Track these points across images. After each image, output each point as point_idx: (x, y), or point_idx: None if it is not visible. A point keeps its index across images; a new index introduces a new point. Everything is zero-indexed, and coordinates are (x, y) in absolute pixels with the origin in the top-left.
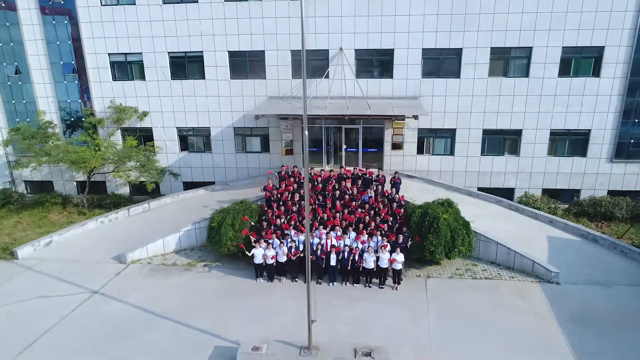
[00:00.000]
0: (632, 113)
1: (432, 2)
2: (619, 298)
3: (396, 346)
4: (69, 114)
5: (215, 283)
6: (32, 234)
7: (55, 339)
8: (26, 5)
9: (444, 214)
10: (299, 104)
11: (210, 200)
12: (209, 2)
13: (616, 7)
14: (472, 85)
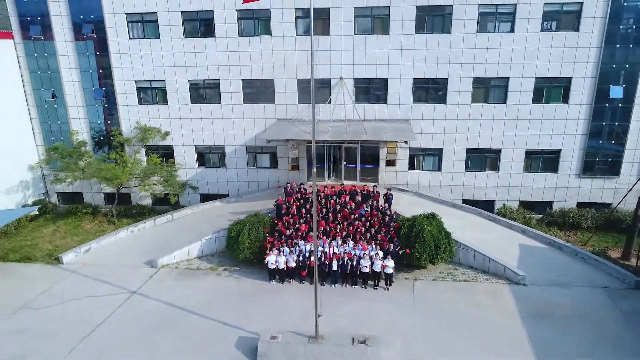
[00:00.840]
0: (597, 135)
1: (421, 38)
2: (573, 297)
3: (386, 336)
4: (98, 133)
5: (234, 284)
6: (71, 242)
7: (107, 331)
8: (62, 38)
9: (428, 226)
10: (305, 127)
11: (225, 211)
12: (225, 37)
13: (581, 44)
14: (457, 110)
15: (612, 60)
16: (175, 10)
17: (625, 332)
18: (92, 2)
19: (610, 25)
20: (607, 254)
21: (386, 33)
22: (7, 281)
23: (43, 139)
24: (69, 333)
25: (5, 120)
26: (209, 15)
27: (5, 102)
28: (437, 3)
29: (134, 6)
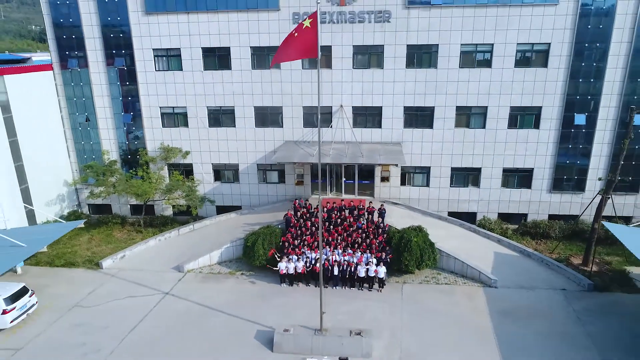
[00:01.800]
0: (564, 156)
1: (411, 72)
2: (535, 298)
3: (378, 329)
4: (126, 152)
5: (251, 286)
6: (106, 249)
7: (149, 325)
8: (96, 70)
9: (415, 238)
10: (309, 149)
11: (240, 222)
12: (240, 69)
13: (550, 78)
14: (442, 134)
15: (576, 92)
16: (197, 47)
17: (573, 328)
18: (123, 38)
19: (574, 62)
20: (570, 261)
21: (381, 67)
22: (58, 284)
23: (77, 157)
24: (118, 326)
25: (45, 142)
26: (226, 51)
27: (45, 125)
28: (425, 42)
29: (160, 43)
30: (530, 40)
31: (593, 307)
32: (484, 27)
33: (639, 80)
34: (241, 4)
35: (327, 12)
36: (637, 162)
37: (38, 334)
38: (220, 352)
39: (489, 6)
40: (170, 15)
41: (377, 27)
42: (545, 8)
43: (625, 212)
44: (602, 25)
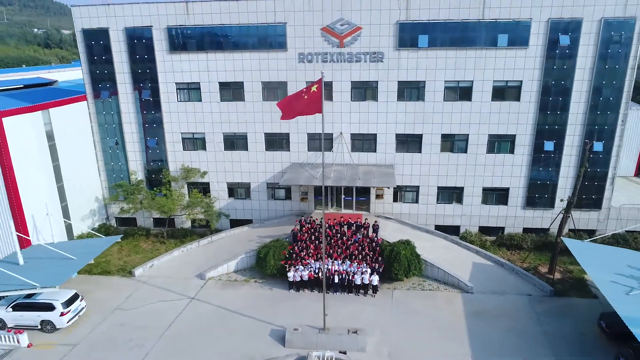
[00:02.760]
0: (535, 177)
1: (402, 104)
2: (504, 302)
3: (371, 328)
4: (150, 172)
5: (263, 292)
6: (135, 259)
7: (180, 326)
8: (125, 100)
9: (403, 250)
10: (313, 170)
11: (253, 235)
12: (252, 101)
13: (522, 110)
14: (430, 158)
15: (545, 122)
16: (214, 81)
17: (532, 327)
18: (149, 74)
19: (543, 97)
20: (538, 269)
21: (375, 100)
22: (99, 290)
23: (106, 176)
24: (155, 326)
25: (80, 164)
26: (240, 85)
27: (80, 149)
28: (413, 79)
29: (182, 78)
30: (504, 78)
31: (551, 310)
32: (465, 66)
33: (599, 112)
34: (253, 45)
35: (328, 53)
36: (599, 183)
37: (89, 332)
38: (242, 347)
39: (468, 49)
40: (191, 54)
41: (372, 65)
42: (516, 51)
43: (590, 226)
44: (566, 66)
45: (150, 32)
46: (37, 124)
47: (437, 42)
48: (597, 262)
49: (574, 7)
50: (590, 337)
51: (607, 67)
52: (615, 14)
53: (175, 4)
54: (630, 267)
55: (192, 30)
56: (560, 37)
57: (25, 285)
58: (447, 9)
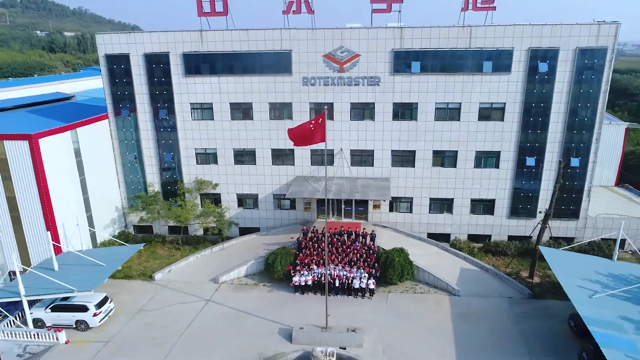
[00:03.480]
0: (519, 190)
1: (396, 124)
2: (487, 304)
3: (368, 327)
4: (166, 184)
5: (271, 295)
6: (154, 264)
7: (199, 324)
8: (144, 118)
9: (397, 257)
10: (315, 183)
11: (261, 242)
12: (260, 120)
13: (506, 129)
14: (422, 172)
15: (527, 140)
16: (225, 102)
17: (510, 327)
18: (166, 94)
19: (524, 118)
20: (520, 274)
21: (372, 120)
22: (123, 293)
23: (125, 188)
24: (176, 325)
25: (102, 176)
26: (249, 105)
27: (102, 163)
28: (407, 101)
29: (196, 98)
30: (489, 101)
31: (529, 311)
32: (453, 89)
33: (575, 132)
34: (261, 69)
35: (329, 77)
36: (577, 195)
37: (119, 331)
38: (255, 344)
39: (456, 74)
40: (205, 77)
41: (369, 89)
42: (500, 76)
43: (569, 234)
44: (544, 90)
45: (167, 58)
46: (67, 143)
47: (428, 68)
48: (568, 268)
49: (551, 37)
50: (561, 335)
51: (582, 91)
52: (589, 44)
53: (190, 33)
54: (597, 273)
55: (205, 56)
56: (539, 64)
57: (63, 289)
58: (437, 38)
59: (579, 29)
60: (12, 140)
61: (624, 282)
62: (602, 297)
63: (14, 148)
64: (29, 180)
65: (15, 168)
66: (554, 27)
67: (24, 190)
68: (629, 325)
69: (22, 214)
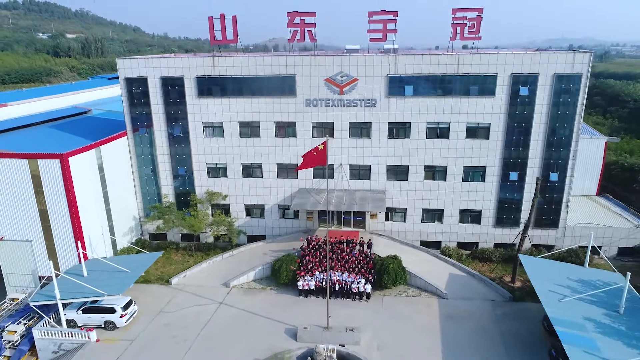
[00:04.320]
0: (504, 201)
1: (391, 141)
2: (472, 306)
3: (364, 327)
4: (179, 195)
5: (278, 298)
6: (170, 269)
7: (214, 324)
8: (159, 135)
9: (391, 264)
10: (317, 196)
11: (267, 249)
12: (267, 137)
13: (491, 147)
14: (415, 185)
15: (510, 156)
16: (235, 121)
17: (492, 326)
18: (180, 114)
19: (508, 136)
20: (503, 279)
21: (369, 137)
22: (143, 296)
23: (142, 199)
24: (193, 325)
25: (121, 189)
26: (256, 124)
27: (122, 176)
28: (401, 121)
29: (208, 118)
30: (476, 121)
31: (509, 312)
32: (443, 111)
33: (554, 149)
34: (268, 92)
35: (330, 99)
36: (556, 206)
37: (142, 330)
38: (264, 342)
39: (446, 97)
40: (216, 98)
41: (367, 110)
42: (485, 99)
43: (549, 242)
44: (526, 111)
45: (182, 81)
46: (92, 160)
47: (420, 91)
48: (543, 274)
49: (531, 64)
50: (535, 334)
51: (560, 113)
52: (565, 71)
53: (203, 58)
54: (569, 279)
55: (217, 79)
56: (520, 88)
57: (94, 293)
58: (428, 65)
59: (556, 57)
60: (45, 159)
61: (591, 287)
62: (570, 301)
63: (46, 166)
64: (60, 194)
65: (47, 183)
66: (533, 55)
67: (54, 203)
68: (590, 325)
69: (53, 224)
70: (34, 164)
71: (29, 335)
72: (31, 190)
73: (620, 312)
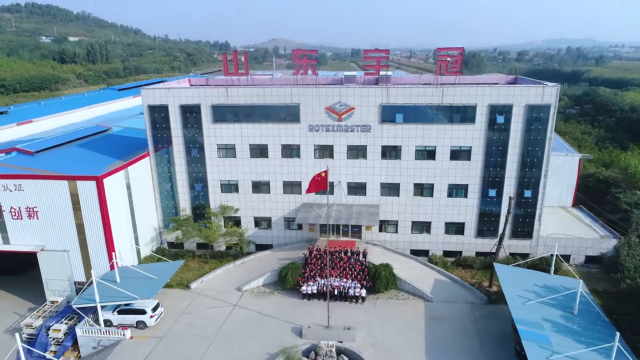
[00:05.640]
0: (484, 215)
1: (384, 162)
2: (453, 308)
3: (360, 326)
4: (195, 209)
5: (285, 301)
6: (188, 275)
7: (231, 324)
8: (178, 156)
9: (383, 271)
10: (319, 210)
11: (274, 258)
12: (274, 158)
13: (472, 167)
14: (405, 200)
15: (489, 175)
16: (246, 144)
17: (470, 326)
18: (197, 137)
19: (487, 158)
20: (482, 284)
21: (365, 158)
22: (166, 299)
23: (162, 212)
24: (212, 324)
25: (144, 203)
26: (265, 146)
27: (144, 192)
28: (393, 144)
29: (221, 140)
30: (459, 144)
31: (485, 314)
32: (430, 136)
33: (527, 169)
34: (275, 118)
35: (330, 125)
36: (530, 220)
37: (169, 329)
38: (274, 339)
39: (432, 124)
40: (229, 124)
41: (362, 134)
42: (467, 126)
43: (524, 251)
44: (502, 137)
45: (199, 108)
46: (122, 180)
47: (409, 119)
48: (513, 281)
49: (506, 96)
50: (506, 333)
51: (532, 138)
52: (536, 102)
53: (218, 89)
54: (535, 285)
55: (230, 107)
56: (497, 117)
57: (128, 297)
58: (416, 96)
59: (528, 90)
60: (83, 180)
61: (553, 291)
62: (534, 304)
63: (84, 186)
64: (95, 211)
65: (84, 201)
66: (508, 89)
67: (90, 218)
68: (547, 324)
69: (88, 236)
70: (73, 184)
71: (71, 333)
72: (70, 207)
73: (574, 313)
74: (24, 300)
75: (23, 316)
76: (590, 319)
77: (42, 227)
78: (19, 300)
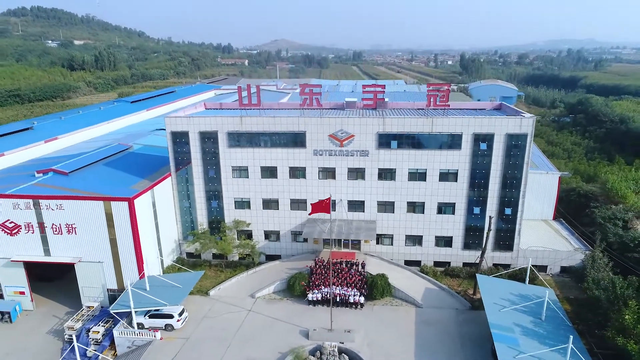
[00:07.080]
0: (468, 229)
1: (380, 182)
2: (440, 313)
3: (358, 329)
4: (211, 223)
5: (293, 307)
6: (206, 283)
7: (246, 327)
8: (196, 175)
9: (379, 281)
10: (322, 225)
11: (283, 267)
12: (282, 178)
13: (459, 188)
14: (399, 216)
15: (474, 195)
16: (257, 166)
17: (454, 329)
18: (214, 160)
19: (472, 179)
20: (467, 292)
21: (363, 179)
22: (188, 305)
23: (181, 225)
24: (230, 328)
25: (166, 218)
26: (274, 168)
27: (166, 208)
28: (388, 167)
29: (236, 163)
30: (447, 168)
31: (469, 319)
32: (421, 160)
33: (507, 189)
34: (284, 144)
35: (333, 150)
36: (510, 234)
37: (193, 331)
38: (284, 340)
39: (423, 150)
40: (243, 148)
41: (361, 158)
42: (454, 151)
43: (506, 262)
44: (485, 161)
45: (216, 134)
46: (149, 199)
47: (403, 145)
48: (492, 290)
49: (489, 126)
50: (485, 336)
51: (511, 162)
52: (515, 131)
53: (233, 118)
54: (511, 293)
55: (244, 133)
56: (480, 144)
57: (158, 304)
58: (409, 125)
59: (507, 120)
60: (117, 201)
61: (526, 299)
62: (508, 310)
63: (117, 206)
64: (126, 227)
65: (117, 219)
66: (490, 119)
67: (122, 233)
68: (517, 328)
69: (120, 249)
70: (108, 204)
71: (108, 334)
72: (104, 223)
73: (542, 319)
74: (61, 305)
75: (62, 319)
76: (555, 324)
77: (79, 241)
78: (56, 304)
